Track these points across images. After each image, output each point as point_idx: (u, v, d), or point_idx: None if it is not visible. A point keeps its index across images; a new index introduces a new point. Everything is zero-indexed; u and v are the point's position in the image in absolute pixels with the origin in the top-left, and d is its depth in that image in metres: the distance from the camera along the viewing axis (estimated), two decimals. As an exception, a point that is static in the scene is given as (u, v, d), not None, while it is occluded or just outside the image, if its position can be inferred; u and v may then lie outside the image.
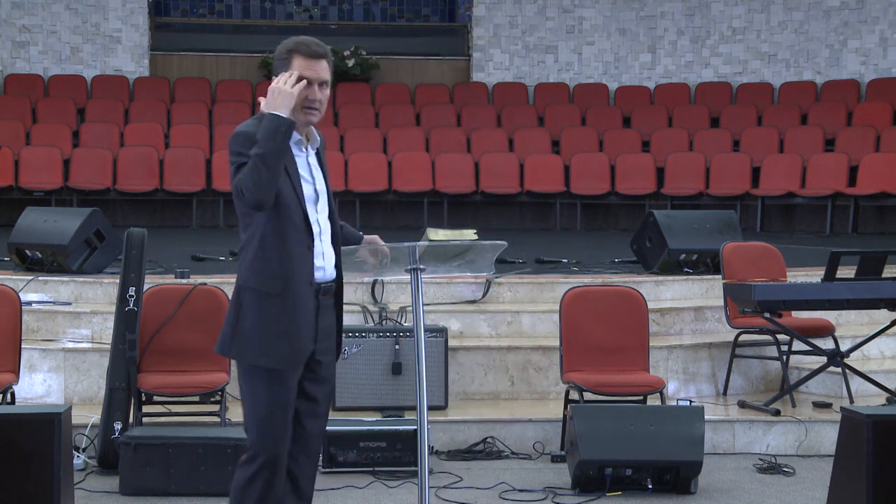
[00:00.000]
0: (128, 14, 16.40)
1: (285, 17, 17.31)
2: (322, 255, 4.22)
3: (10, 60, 16.16)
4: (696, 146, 15.36)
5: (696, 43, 16.58)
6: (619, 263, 9.83)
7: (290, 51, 4.14)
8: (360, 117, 16.07)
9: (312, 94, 4.10)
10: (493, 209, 15.18)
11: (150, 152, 14.68)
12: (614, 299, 7.22)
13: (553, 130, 15.79)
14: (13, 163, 14.33)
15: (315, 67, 4.10)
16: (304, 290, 4.15)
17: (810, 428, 7.21)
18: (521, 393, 7.72)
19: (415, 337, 4.56)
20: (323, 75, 4.13)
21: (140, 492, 6.14)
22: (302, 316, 4.15)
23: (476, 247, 4.69)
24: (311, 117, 4.15)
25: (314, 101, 4.12)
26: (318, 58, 4.12)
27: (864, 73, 15.78)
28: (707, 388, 7.93)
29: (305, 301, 4.16)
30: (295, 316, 4.14)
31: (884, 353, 8.42)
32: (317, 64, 4.11)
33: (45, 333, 7.79)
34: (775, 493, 6.39)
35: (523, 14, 16.81)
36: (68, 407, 5.57)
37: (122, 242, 6.92)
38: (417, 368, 4.52)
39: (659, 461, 6.24)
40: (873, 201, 14.09)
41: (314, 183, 4.24)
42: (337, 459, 6.58)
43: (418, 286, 4.56)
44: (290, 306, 4.13)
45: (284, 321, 4.13)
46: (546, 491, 6.32)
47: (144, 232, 6.92)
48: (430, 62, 17.16)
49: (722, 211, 9.64)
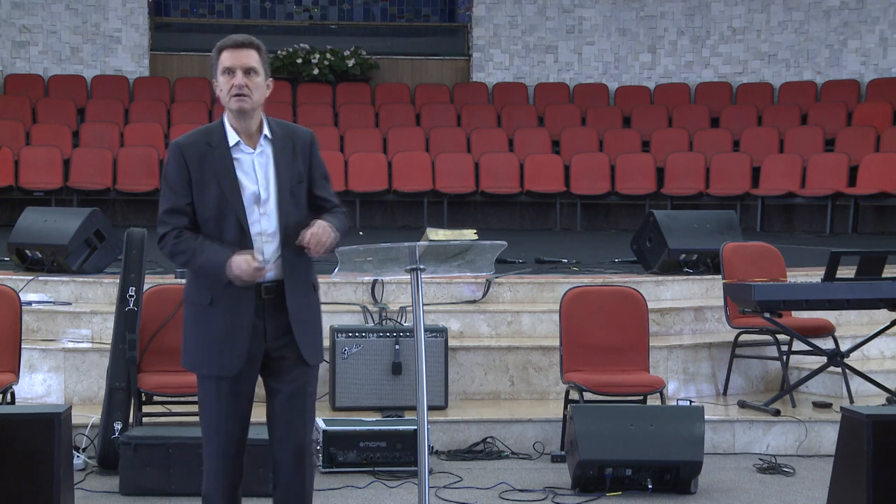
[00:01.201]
0: (128, 14, 16.40)
1: (285, 17, 17.30)
2: (262, 256, 4.25)
3: (10, 60, 16.15)
4: (696, 146, 15.35)
5: (696, 43, 16.58)
6: (619, 263, 9.83)
7: (217, 49, 4.31)
8: (360, 117, 16.06)
9: (236, 80, 4.23)
10: (493, 209, 15.18)
11: (150, 152, 14.69)
12: (614, 299, 7.22)
13: (553, 130, 15.79)
14: (13, 163, 14.32)
15: (237, 55, 4.26)
16: (235, 295, 4.24)
17: (810, 428, 7.21)
18: (521, 393, 7.72)
19: (415, 337, 4.56)
20: (244, 61, 4.25)
21: (140, 492, 6.15)
22: (234, 321, 4.26)
23: (476, 247, 4.69)
24: (241, 103, 4.26)
25: (239, 87, 4.24)
26: (240, 47, 4.27)
27: (864, 73, 15.77)
28: (707, 388, 7.93)
29: (238, 306, 4.26)
30: (226, 323, 4.27)
31: (884, 353, 8.42)
32: (238, 52, 4.26)
33: (45, 333, 7.79)
34: (775, 493, 6.39)
35: (523, 14, 16.81)
36: (68, 407, 5.57)
37: (122, 242, 6.92)
38: (417, 368, 4.52)
39: (659, 461, 6.24)
40: (873, 201, 14.09)
41: (258, 183, 4.30)
42: (337, 459, 6.58)
43: (418, 286, 4.56)
44: (221, 313, 4.27)
45: (219, 329, 4.28)
46: (546, 491, 6.32)
47: (144, 232, 6.92)
48: (430, 62, 17.16)
49: (722, 211, 9.64)
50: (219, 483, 4.37)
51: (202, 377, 4.37)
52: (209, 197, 4.28)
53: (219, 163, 4.28)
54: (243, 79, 4.24)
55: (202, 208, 4.29)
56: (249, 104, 4.26)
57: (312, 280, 4.43)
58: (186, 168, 4.30)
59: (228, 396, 4.33)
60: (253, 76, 4.26)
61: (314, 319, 4.44)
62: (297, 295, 4.35)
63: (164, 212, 4.34)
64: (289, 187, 4.33)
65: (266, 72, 4.33)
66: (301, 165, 4.37)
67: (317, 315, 4.46)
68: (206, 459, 4.40)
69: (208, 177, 4.28)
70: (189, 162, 4.30)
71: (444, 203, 14.76)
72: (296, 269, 4.34)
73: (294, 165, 4.35)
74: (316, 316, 4.45)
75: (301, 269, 4.35)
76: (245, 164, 4.31)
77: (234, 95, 4.25)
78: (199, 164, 4.29)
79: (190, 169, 4.29)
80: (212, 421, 4.36)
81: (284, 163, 4.34)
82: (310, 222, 4.31)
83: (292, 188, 4.33)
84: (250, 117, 4.31)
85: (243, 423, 4.39)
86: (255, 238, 4.28)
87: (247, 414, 4.41)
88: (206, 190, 4.28)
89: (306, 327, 4.37)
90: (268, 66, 4.36)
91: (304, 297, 4.37)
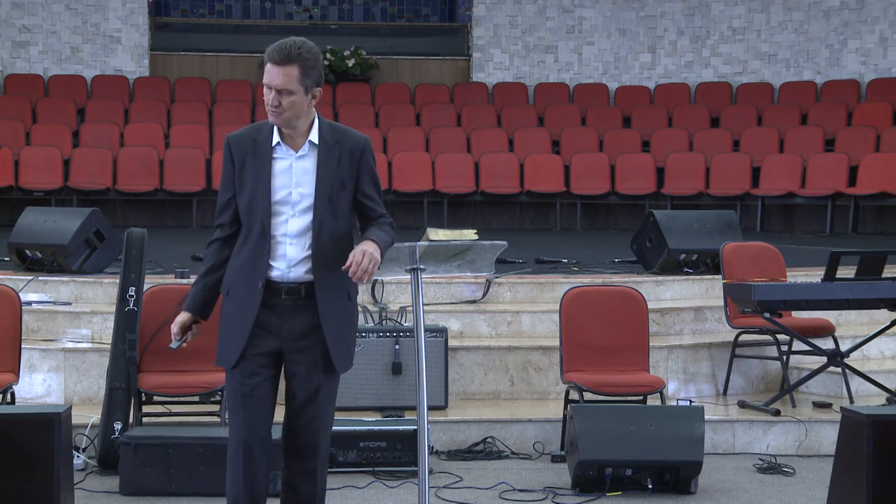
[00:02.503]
0: (128, 14, 16.40)
1: (285, 17, 17.30)
2: (283, 257, 4.33)
3: (10, 60, 16.16)
4: (696, 146, 15.36)
5: (696, 43, 16.58)
6: (619, 263, 9.83)
7: (265, 56, 4.34)
8: (360, 117, 16.05)
9: (270, 98, 4.30)
10: (493, 209, 15.18)
11: (150, 152, 14.68)
12: (614, 299, 7.22)
13: (553, 130, 15.79)
14: (13, 163, 14.32)
15: (274, 74, 4.28)
16: (246, 291, 4.34)
17: (810, 428, 7.21)
18: (521, 393, 7.72)
19: (415, 337, 4.56)
20: (279, 81, 4.27)
21: (140, 492, 6.15)
22: (239, 316, 4.36)
23: (476, 247, 4.69)
24: (275, 118, 4.33)
25: (269, 106, 4.31)
26: (280, 64, 4.28)
27: (864, 73, 15.78)
28: (707, 388, 7.93)
29: (244, 301, 4.34)
30: (234, 316, 4.38)
31: (884, 353, 8.42)
32: (277, 69, 4.28)
33: (45, 333, 7.79)
34: (775, 493, 6.39)
35: (523, 14, 16.81)
36: (68, 407, 5.57)
37: (122, 242, 6.92)
38: (417, 368, 4.53)
39: (659, 461, 6.24)
40: (873, 201, 14.09)
41: (292, 185, 4.34)
42: (337, 459, 6.58)
43: (418, 286, 4.56)
44: (231, 306, 4.40)
45: (229, 321, 4.41)
46: (546, 491, 6.32)
47: (144, 232, 6.92)
48: (430, 62, 17.17)
49: (722, 211, 9.63)
50: (238, 478, 4.41)
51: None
52: (245, 192, 4.37)
53: (258, 161, 4.37)
54: (277, 98, 4.28)
55: (240, 202, 4.39)
56: (282, 120, 4.32)
57: (348, 288, 4.42)
58: (232, 162, 4.42)
59: (242, 391, 4.38)
60: (287, 96, 4.28)
61: (348, 327, 4.44)
62: (330, 300, 4.35)
63: (217, 208, 4.49)
64: (327, 193, 4.34)
65: (307, 86, 4.30)
66: (346, 172, 4.38)
67: (351, 323, 4.46)
68: (227, 454, 4.46)
69: (248, 173, 4.38)
70: (234, 156, 4.41)
71: (444, 203, 14.76)
72: (327, 275, 4.34)
73: (337, 172, 4.37)
74: (350, 324, 4.45)
75: (335, 273, 4.33)
76: (283, 165, 4.37)
77: (269, 110, 4.33)
78: (242, 160, 4.40)
79: (235, 163, 4.41)
80: (231, 413, 4.45)
81: (327, 168, 4.36)
82: (350, 233, 4.40)
83: (331, 194, 4.35)
84: (293, 125, 4.35)
85: (260, 421, 4.40)
86: (280, 239, 4.34)
87: (263, 411, 4.41)
88: (244, 185, 4.38)
89: (338, 334, 4.37)
90: (315, 76, 4.32)
91: (337, 302, 4.38)
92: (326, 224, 4.34)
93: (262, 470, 4.43)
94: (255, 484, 4.41)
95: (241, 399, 4.38)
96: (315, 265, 4.33)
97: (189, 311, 4.47)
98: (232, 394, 4.43)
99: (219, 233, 4.47)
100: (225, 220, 4.44)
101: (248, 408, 4.38)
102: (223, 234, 4.45)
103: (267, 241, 4.32)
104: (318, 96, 4.36)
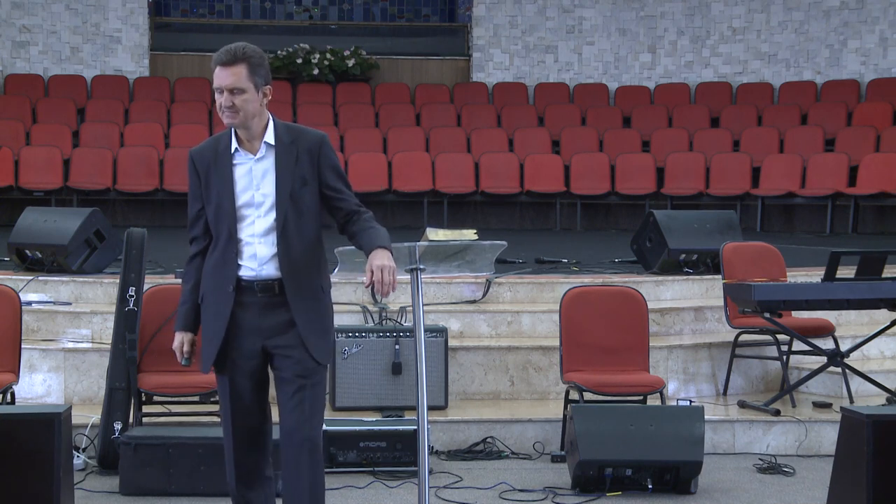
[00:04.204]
0: (128, 14, 16.39)
1: (285, 17, 17.30)
2: (254, 257, 4.41)
3: (10, 60, 16.15)
4: (696, 146, 15.35)
5: (696, 43, 16.58)
6: (619, 263, 9.83)
7: (212, 64, 4.43)
8: (360, 117, 16.06)
9: (223, 100, 4.37)
10: (493, 209, 15.18)
11: (150, 152, 14.68)
12: (614, 299, 7.22)
13: (553, 130, 15.79)
14: (13, 163, 14.32)
15: (223, 75, 4.37)
16: (218, 295, 4.44)
17: (810, 428, 7.21)
18: (521, 393, 7.72)
19: (415, 337, 4.56)
20: (229, 82, 4.36)
21: (140, 492, 6.15)
22: (216, 318, 4.44)
23: (476, 247, 4.70)
24: (230, 119, 4.40)
25: (226, 107, 4.37)
26: (227, 65, 4.38)
27: (864, 73, 15.77)
28: (707, 388, 7.93)
29: (218, 303, 4.43)
30: (210, 319, 4.48)
31: (884, 353, 8.42)
32: (225, 70, 4.38)
33: (45, 333, 7.79)
34: (775, 493, 6.39)
35: (523, 14, 16.80)
36: (68, 407, 5.57)
37: (122, 242, 6.92)
38: (417, 368, 4.53)
39: (659, 461, 6.24)
40: (873, 201, 14.08)
41: (253, 187, 4.42)
42: (337, 459, 6.58)
43: (418, 286, 4.56)
44: (208, 310, 4.50)
45: (207, 324, 4.51)
46: (546, 491, 6.32)
47: (144, 232, 6.92)
48: (430, 62, 17.16)
49: (722, 211, 9.64)
50: (233, 474, 4.52)
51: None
52: (212, 201, 4.46)
53: (220, 169, 4.46)
54: (230, 98, 4.36)
55: (209, 212, 4.48)
56: (238, 119, 4.39)
57: (321, 281, 4.50)
58: (197, 175, 4.51)
59: (230, 389, 4.48)
60: (238, 94, 4.36)
61: (321, 320, 4.49)
62: (301, 294, 4.42)
63: (189, 223, 4.58)
64: (288, 191, 4.42)
65: (257, 84, 4.39)
66: (306, 169, 4.44)
67: (325, 316, 4.52)
68: (224, 452, 4.57)
69: (213, 183, 4.46)
70: (199, 169, 4.51)
71: (444, 203, 14.76)
72: (296, 270, 4.42)
73: (296, 170, 4.43)
74: (323, 316, 4.51)
75: (304, 269, 4.43)
76: (243, 170, 4.45)
77: (223, 112, 4.40)
78: (206, 171, 4.49)
79: (200, 176, 4.50)
80: (222, 413, 4.55)
81: (285, 167, 4.43)
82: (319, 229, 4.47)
83: (293, 192, 4.42)
84: (249, 126, 4.42)
85: (252, 417, 4.51)
86: (249, 240, 4.42)
87: (254, 408, 4.51)
88: (210, 195, 4.47)
89: (312, 327, 4.44)
90: (263, 73, 4.41)
91: (309, 296, 4.45)
92: (291, 221, 4.42)
93: (259, 468, 4.50)
94: (252, 483, 4.50)
95: (231, 401, 4.48)
96: (282, 262, 4.41)
97: (185, 331, 4.57)
98: (221, 396, 4.53)
99: (195, 247, 4.56)
100: (198, 232, 4.54)
101: (238, 409, 4.48)
102: (199, 247, 4.54)
103: (234, 245, 4.41)
104: (269, 95, 4.44)
